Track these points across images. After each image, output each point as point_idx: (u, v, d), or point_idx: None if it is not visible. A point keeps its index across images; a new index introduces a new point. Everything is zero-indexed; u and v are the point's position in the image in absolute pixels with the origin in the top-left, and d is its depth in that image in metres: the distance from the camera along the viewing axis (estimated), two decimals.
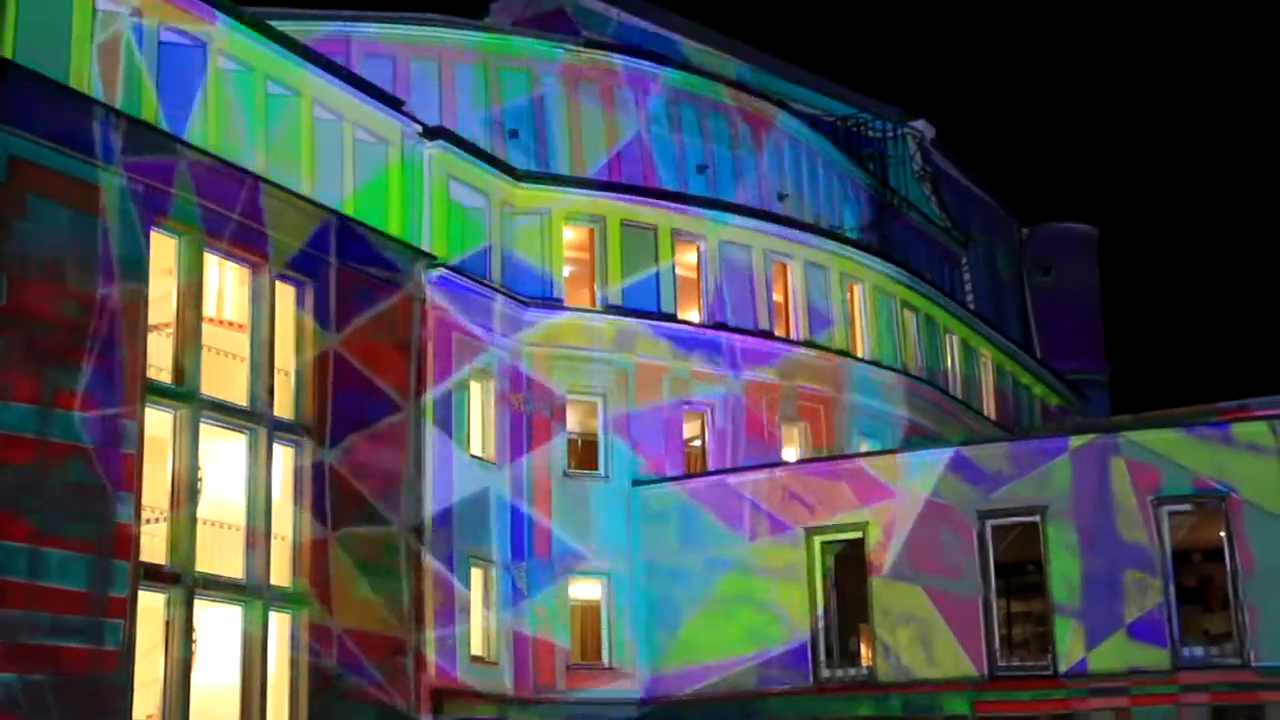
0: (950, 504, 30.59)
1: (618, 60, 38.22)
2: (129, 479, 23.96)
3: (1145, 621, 28.83)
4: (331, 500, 27.66)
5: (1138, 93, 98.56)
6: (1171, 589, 28.94)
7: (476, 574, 30.92)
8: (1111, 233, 63.31)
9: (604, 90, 37.86)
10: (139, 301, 24.62)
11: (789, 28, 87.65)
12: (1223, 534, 29.03)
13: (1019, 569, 31.34)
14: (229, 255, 27.08)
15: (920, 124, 51.29)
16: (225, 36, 27.20)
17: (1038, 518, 30.00)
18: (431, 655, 29.07)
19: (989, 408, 44.90)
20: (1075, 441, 30.64)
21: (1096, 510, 29.53)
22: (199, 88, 26.67)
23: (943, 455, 31.79)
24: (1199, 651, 28.85)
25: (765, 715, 31.21)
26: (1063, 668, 29.17)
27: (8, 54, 23.24)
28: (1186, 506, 29.48)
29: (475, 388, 31.87)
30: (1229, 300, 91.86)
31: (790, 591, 31.55)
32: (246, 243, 26.98)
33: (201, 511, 25.61)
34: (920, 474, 31.11)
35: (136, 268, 24.68)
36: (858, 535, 31.30)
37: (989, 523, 30.30)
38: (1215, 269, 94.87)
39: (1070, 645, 29.19)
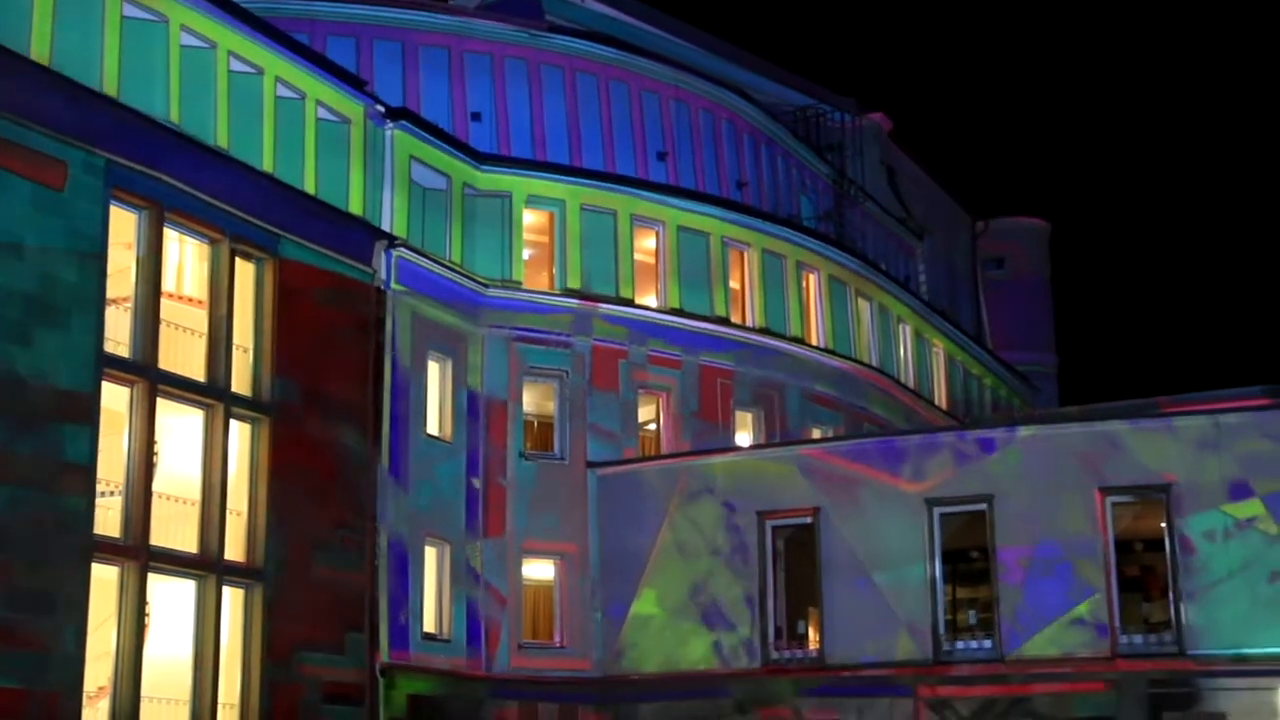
0: (900, 491, 31.05)
1: (581, 46, 38.43)
2: (85, 452, 24.04)
3: (1087, 609, 29.37)
4: (288, 477, 27.82)
5: (1088, 90, 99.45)
6: (1113, 578, 29.53)
7: (431, 552, 31.16)
8: (1062, 227, 64.07)
9: (567, 75, 38.07)
10: (97, 275, 24.69)
11: (749, 18, 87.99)
12: (1164, 525, 29.64)
13: (965, 555, 31.87)
14: (189, 230, 27.16)
15: (878, 117, 51.75)
16: (188, 12, 27.23)
17: (985, 506, 30.50)
18: (384, 632, 29.29)
19: (940, 397, 45.45)
20: (1023, 432, 31.22)
21: (1042, 499, 30.06)
22: (161, 63, 26.69)
23: (893, 443, 32.33)
24: (1138, 639, 29.45)
25: (715, 696, 31.59)
26: (1006, 652, 29.72)
27: None
28: (1129, 497, 30.06)
29: (433, 368, 32.07)
30: (1176, 295, 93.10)
31: (742, 574, 31.94)
32: (206, 218, 27.06)
33: (157, 486, 25.69)
34: (871, 461, 31.57)
35: (95, 242, 24.73)
36: (808, 520, 31.73)
37: (937, 510, 30.79)
38: (1163, 264, 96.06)
39: (1014, 631, 29.74)
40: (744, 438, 36.47)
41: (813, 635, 31.93)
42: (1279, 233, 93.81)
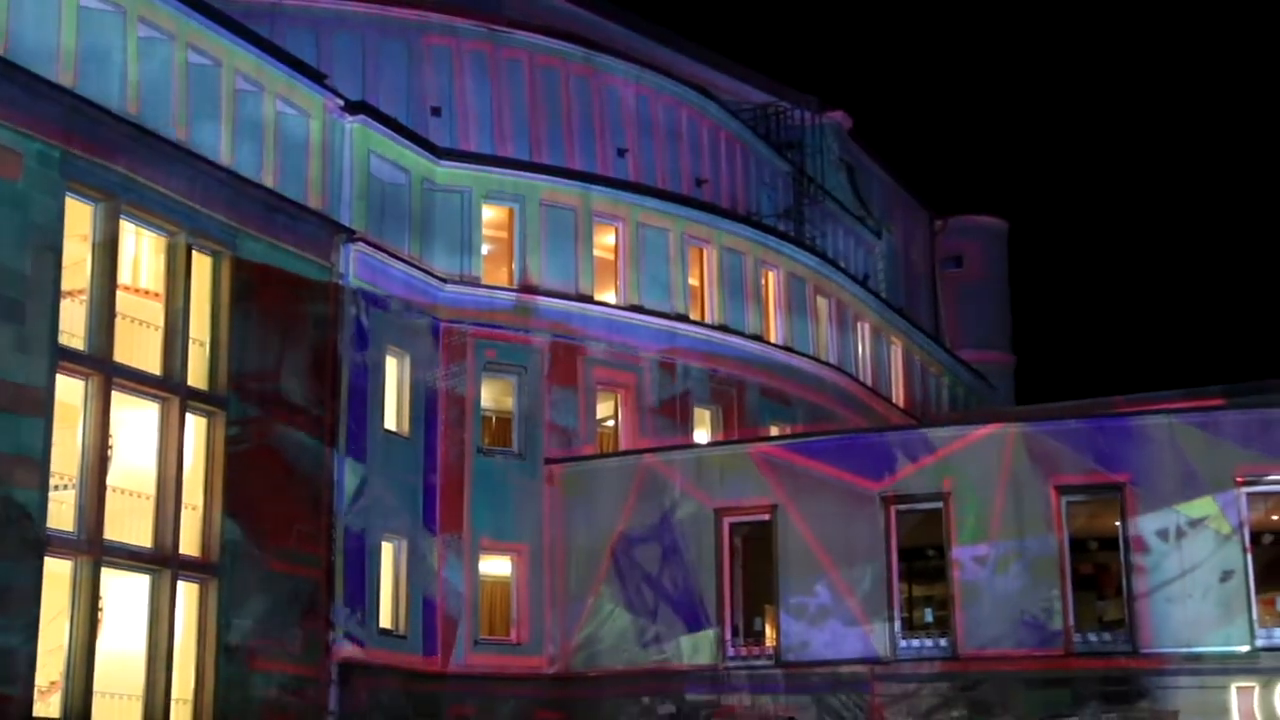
0: (857, 488, 31.16)
1: (541, 42, 38.36)
2: (38, 445, 23.82)
3: (1042, 607, 29.60)
4: (244, 471, 27.66)
5: (1046, 88, 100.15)
6: (1068, 576, 29.75)
7: (387, 548, 31.05)
8: (1020, 226, 64.39)
9: (527, 70, 37.99)
10: (53, 267, 24.48)
11: (711, 15, 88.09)
12: (1118, 523, 29.88)
13: (922, 553, 32.02)
14: (145, 223, 26.95)
15: (838, 115, 51.89)
16: (145, 3, 26.99)
17: (941, 504, 30.67)
18: (340, 628, 29.17)
19: (898, 395, 45.62)
20: (980, 429, 31.39)
21: (998, 497, 30.24)
22: (118, 54, 26.47)
23: (851, 441, 32.45)
24: (1092, 637, 29.69)
25: (671, 693, 31.62)
26: (961, 650, 29.89)
27: None
28: (1084, 496, 30.28)
29: (391, 363, 31.94)
30: (1132, 295, 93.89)
31: (699, 571, 31.98)
32: (163, 211, 26.86)
33: (111, 480, 25.52)
34: (829, 458, 31.66)
35: (51, 234, 24.52)
36: (766, 517, 31.80)
37: (894, 508, 30.93)
38: (1119, 264, 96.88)
39: (969, 628, 29.91)
40: (702, 434, 36.51)
41: (770, 632, 32.02)
42: (1234, 233, 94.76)
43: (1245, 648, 28.63)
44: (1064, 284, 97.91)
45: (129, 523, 25.90)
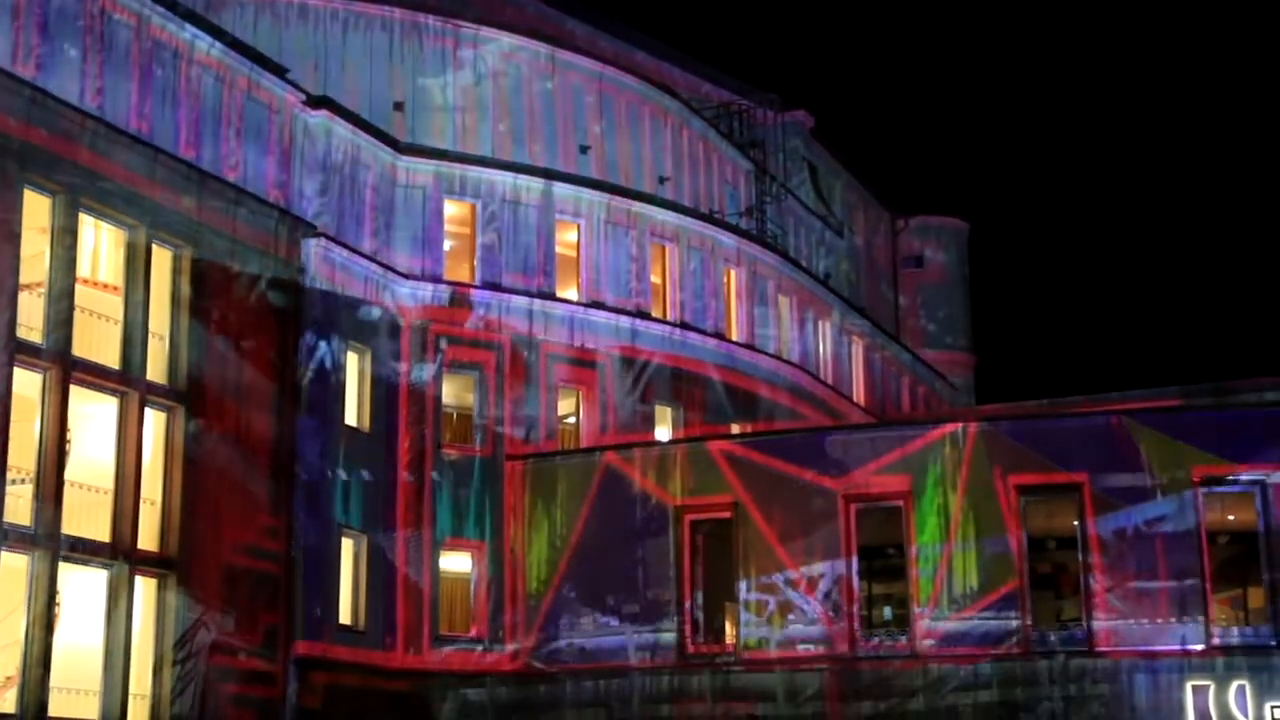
0: (818, 487, 31.26)
1: (504, 38, 38.30)
2: None
3: (1002, 605, 29.78)
4: (203, 466, 27.50)
5: (1008, 89, 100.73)
6: (1026, 575, 29.94)
7: (348, 543, 30.94)
8: (980, 227, 64.75)
9: (491, 67, 37.91)
10: (10, 259, 24.27)
11: (674, 13, 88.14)
12: (1075, 523, 30.09)
13: (882, 552, 32.14)
14: (104, 216, 26.76)
15: (800, 114, 52.04)
16: None
17: (901, 502, 30.80)
18: (300, 623, 29.05)
19: (859, 393, 45.79)
20: (940, 428, 31.54)
21: (958, 496, 30.41)
22: (78, 45, 26.26)
23: (812, 439, 32.53)
24: (1050, 635, 29.90)
25: (631, 689, 31.64)
26: (920, 647, 30.04)
27: None
28: (1043, 495, 30.47)
29: (352, 358, 31.82)
30: (1092, 296, 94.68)
31: (659, 568, 32.01)
32: (123, 205, 26.67)
33: (70, 474, 25.33)
34: (790, 456, 31.75)
35: (8, 225, 24.31)
36: (727, 514, 31.86)
37: (855, 506, 31.05)
38: (1079, 265, 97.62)
39: (929, 627, 30.07)
40: (664, 432, 36.54)
41: (730, 629, 32.09)
42: (1193, 235, 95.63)
43: (1201, 646, 28.89)
44: (1024, 284, 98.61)
45: (87, 517, 25.72)
